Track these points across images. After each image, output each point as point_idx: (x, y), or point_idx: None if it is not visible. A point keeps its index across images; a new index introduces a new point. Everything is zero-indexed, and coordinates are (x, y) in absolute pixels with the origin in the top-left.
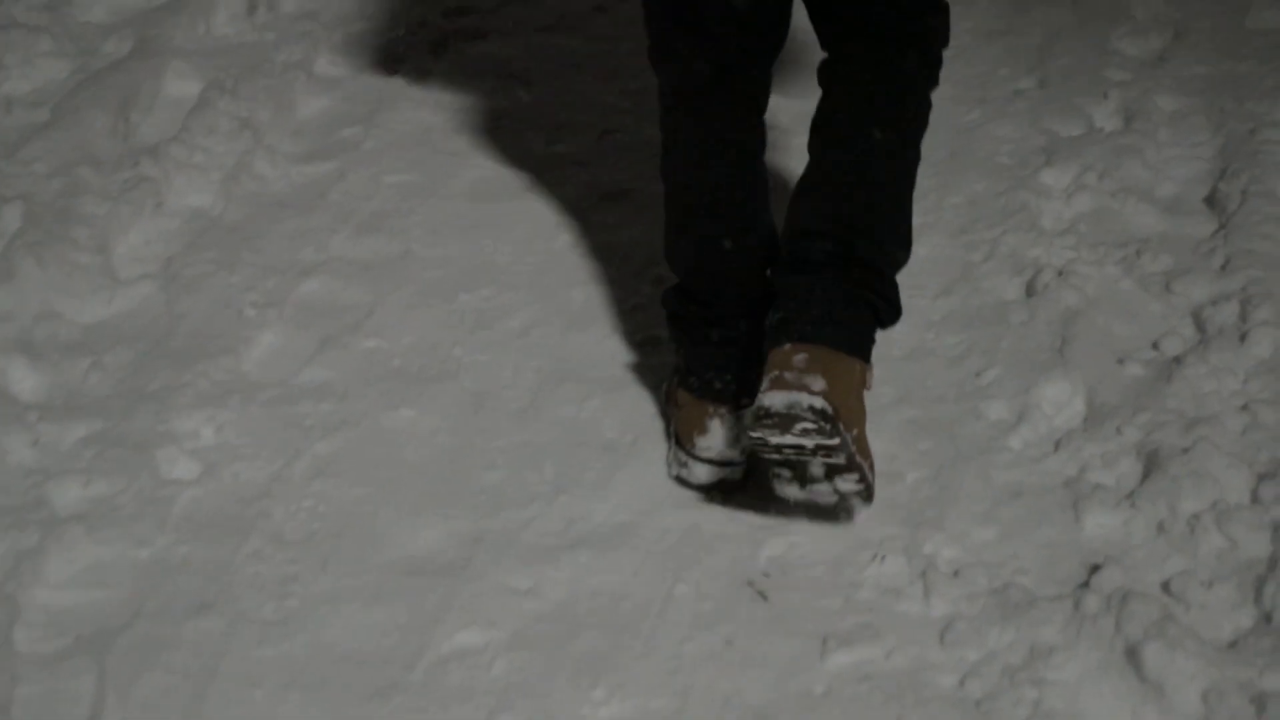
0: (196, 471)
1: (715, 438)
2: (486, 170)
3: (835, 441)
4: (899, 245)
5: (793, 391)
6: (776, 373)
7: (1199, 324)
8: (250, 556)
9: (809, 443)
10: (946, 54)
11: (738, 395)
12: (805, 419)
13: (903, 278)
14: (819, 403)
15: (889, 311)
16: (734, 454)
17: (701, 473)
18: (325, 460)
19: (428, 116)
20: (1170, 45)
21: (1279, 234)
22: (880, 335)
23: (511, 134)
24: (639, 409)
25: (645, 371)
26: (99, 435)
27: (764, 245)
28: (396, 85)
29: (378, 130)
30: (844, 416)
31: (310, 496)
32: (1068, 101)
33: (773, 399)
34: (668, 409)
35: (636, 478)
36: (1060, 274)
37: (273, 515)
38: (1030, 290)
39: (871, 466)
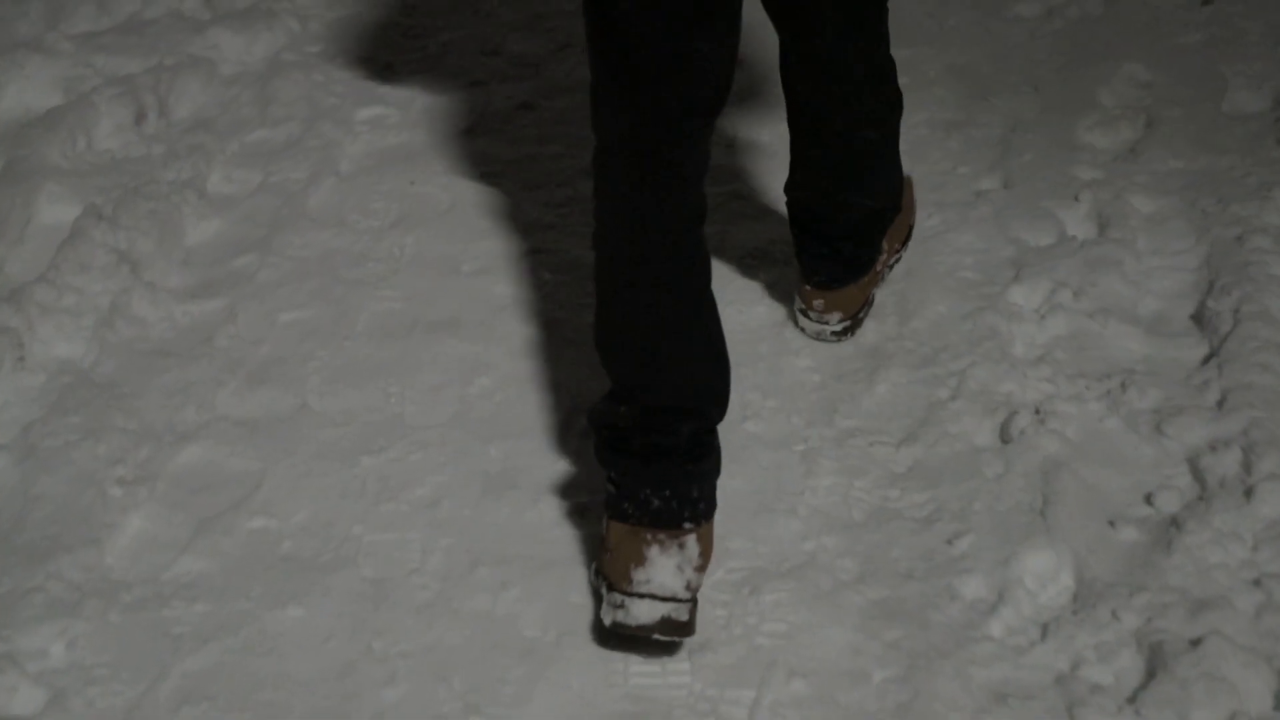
0: (41, 702)
1: (656, 569)
2: (394, 302)
3: (850, 334)
4: (896, 188)
5: (817, 324)
6: (804, 306)
7: (1197, 474)
8: None
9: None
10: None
11: (680, 517)
12: (829, 340)
13: (862, 423)
14: (838, 327)
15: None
16: (679, 587)
17: (641, 611)
18: (196, 679)
19: (330, 239)
20: (1143, 137)
21: (1279, 364)
22: (840, 497)
23: (423, 257)
24: (564, 597)
25: (573, 546)
26: None
27: (710, 321)
28: (296, 202)
29: (274, 258)
30: (857, 312)
31: None
32: (1035, 204)
33: (805, 324)
34: (597, 581)
35: (559, 687)
36: (1037, 413)
37: None
38: (1005, 435)
39: (884, 262)
